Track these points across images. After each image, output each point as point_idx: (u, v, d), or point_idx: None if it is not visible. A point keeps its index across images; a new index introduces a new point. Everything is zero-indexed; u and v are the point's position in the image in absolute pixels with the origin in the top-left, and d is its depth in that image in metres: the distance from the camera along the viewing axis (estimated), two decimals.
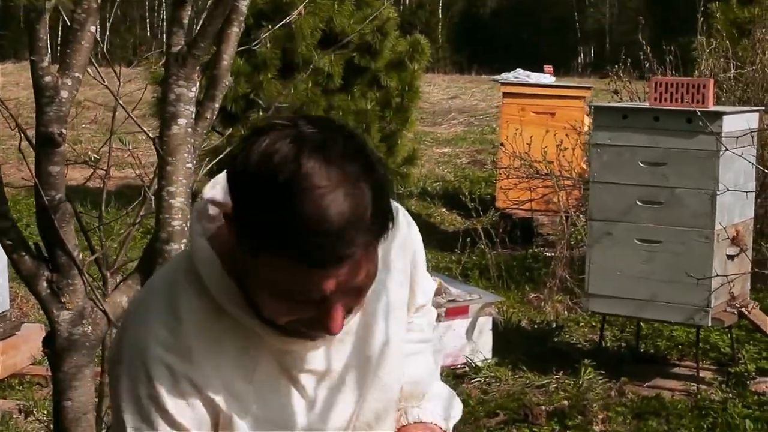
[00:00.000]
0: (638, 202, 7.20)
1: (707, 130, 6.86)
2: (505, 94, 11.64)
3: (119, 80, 4.47)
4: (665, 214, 7.13)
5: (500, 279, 9.90)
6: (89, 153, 4.00)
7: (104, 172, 4.41)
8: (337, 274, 1.75)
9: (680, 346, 8.13)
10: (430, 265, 10.18)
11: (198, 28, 3.73)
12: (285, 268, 1.74)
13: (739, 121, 7.20)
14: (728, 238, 7.18)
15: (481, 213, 10.54)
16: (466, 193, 10.95)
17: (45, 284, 3.62)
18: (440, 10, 66.75)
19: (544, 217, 11.52)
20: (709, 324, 7.15)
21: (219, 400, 1.92)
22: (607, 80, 10.54)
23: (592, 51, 62.64)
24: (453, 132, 20.36)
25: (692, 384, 7.28)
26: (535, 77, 11.69)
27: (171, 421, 1.89)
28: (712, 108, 7.13)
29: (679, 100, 7.19)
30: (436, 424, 2.25)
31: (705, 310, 7.05)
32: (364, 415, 2.09)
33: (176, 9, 3.76)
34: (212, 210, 1.95)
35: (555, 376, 7.38)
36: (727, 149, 6.73)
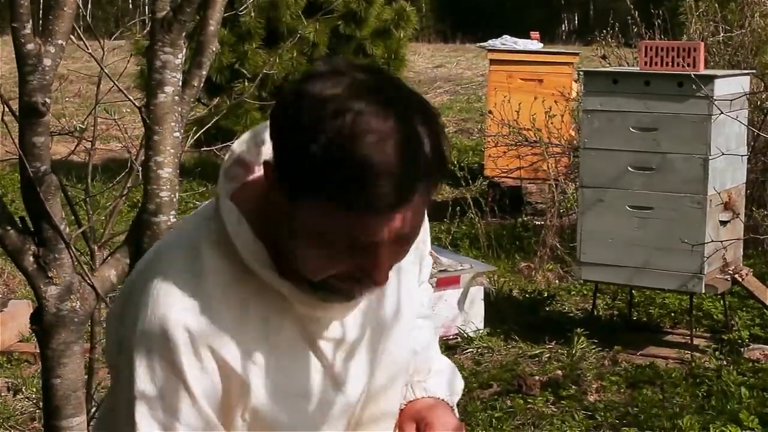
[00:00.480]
0: (629, 168, 7.12)
1: (699, 93, 6.78)
2: (492, 61, 11.51)
3: (103, 51, 4.38)
4: (657, 180, 7.05)
5: (490, 248, 9.81)
6: (74, 123, 3.89)
7: (90, 144, 4.33)
8: (393, 221, 1.72)
9: (673, 314, 8.07)
10: None
11: None
12: (339, 215, 1.72)
13: (730, 85, 7.13)
14: (721, 203, 7.11)
15: (470, 182, 10.45)
16: (455, 162, 10.88)
17: (31, 259, 3.52)
18: None
19: (533, 185, 11.42)
20: (703, 291, 7.08)
21: (237, 365, 1.87)
22: (594, 46, 10.46)
23: (576, 18, 62.49)
24: (439, 101, 20.26)
25: (686, 352, 7.22)
26: (522, 44, 11.54)
27: (185, 387, 1.85)
28: (703, 71, 7.04)
29: (670, 63, 7.10)
30: (441, 399, 2.20)
31: (698, 277, 6.98)
32: (375, 384, 2.06)
33: None
34: (235, 170, 1.93)
35: (548, 346, 7.32)
36: (722, 112, 6.64)
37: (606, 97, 7.17)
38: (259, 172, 1.93)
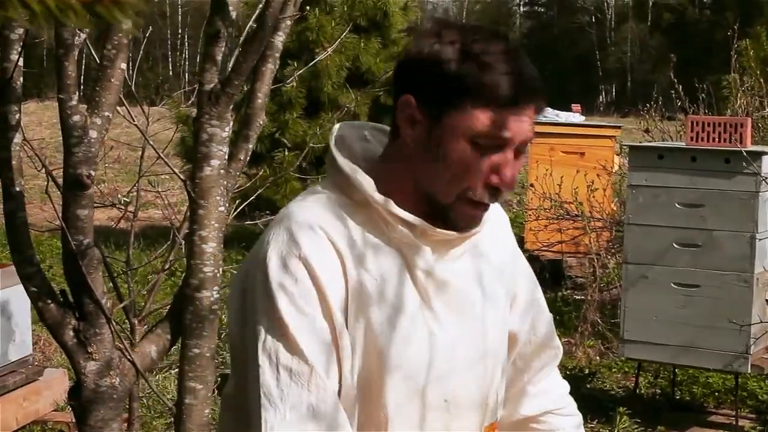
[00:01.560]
0: (675, 245, 7.02)
1: (747, 170, 6.69)
2: (534, 134, 11.45)
3: (147, 120, 4.35)
4: (703, 257, 6.94)
5: None
6: (119, 196, 3.84)
7: (132, 214, 4.28)
8: (525, 118, 2.05)
9: (716, 393, 7.93)
10: None
11: (232, 64, 3.58)
12: (485, 114, 2.02)
13: None
14: None
15: None
16: None
17: (71, 333, 3.47)
18: None
19: (573, 259, 11.32)
20: (749, 371, 6.94)
21: (352, 268, 2.07)
22: (636, 118, 10.36)
23: (614, 90, 62.57)
24: None
25: None
26: (564, 116, 11.49)
27: (312, 276, 2.03)
28: (751, 147, 6.95)
29: (717, 139, 7.01)
30: None
31: (744, 357, 6.84)
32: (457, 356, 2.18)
33: (209, 45, 3.61)
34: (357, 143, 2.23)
35: (590, 425, 7.18)
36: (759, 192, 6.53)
37: (651, 173, 7.08)
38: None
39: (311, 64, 4.97)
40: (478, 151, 2.05)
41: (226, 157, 3.59)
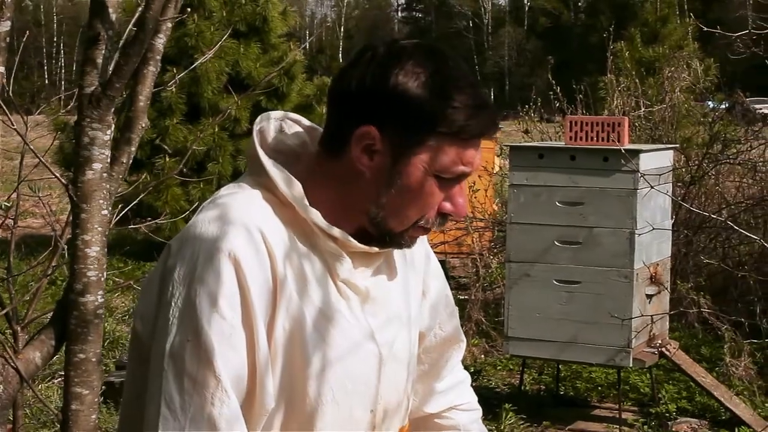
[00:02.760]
0: (556, 243, 7.11)
1: (625, 168, 6.81)
2: None
3: (26, 127, 4.28)
4: (584, 255, 7.05)
5: None
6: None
7: (12, 221, 4.21)
8: (479, 149, 2.11)
9: (599, 388, 8.06)
10: None
11: (113, 67, 3.55)
12: (452, 146, 2.05)
13: (655, 159, 7.17)
14: (648, 277, 7.12)
15: None
16: None
17: None
18: (341, 55, 66.95)
19: (456, 259, 11.40)
20: (631, 365, 7.07)
21: (280, 266, 2.04)
22: (515, 121, 10.48)
23: (492, 93, 63.14)
24: None
25: (614, 426, 7.20)
26: None
27: (239, 275, 1.98)
28: (629, 146, 7.08)
29: (595, 138, 7.13)
30: None
31: (626, 351, 6.96)
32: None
33: (89, 48, 3.58)
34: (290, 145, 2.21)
35: None
36: (652, 187, 6.66)
37: (532, 172, 7.17)
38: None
39: (191, 68, 4.94)
40: (439, 184, 2.07)
41: (109, 160, 3.56)
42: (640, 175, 6.78)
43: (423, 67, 2.05)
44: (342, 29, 69.37)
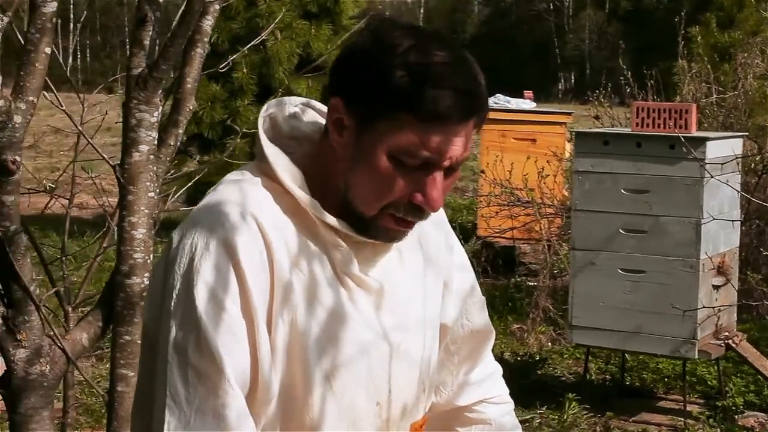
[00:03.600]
0: (621, 231, 7.02)
1: (690, 156, 6.69)
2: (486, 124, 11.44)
3: (83, 106, 4.30)
4: (649, 243, 6.94)
5: None
6: (44, 181, 3.79)
7: (67, 201, 4.22)
8: (457, 136, 1.95)
9: (666, 379, 7.94)
10: None
11: (160, 49, 3.54)
12: (414, 127, 1.93)
13: (723, 147, 7.03)
14: (714, 267, 7.00)
15: (462, 241, 10.30)
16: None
17: (0, 321, 3.41)
18: None
19: (527, 245, 11.31)
20: (696, 356, 6.95)
21: (284, 261, 1.99)
22: (588, 106, 10.35)
23: (572, 77, 62.73)
24: None
25: (679, 419, 7.09)
26: (515, 103, 11.46)
27: (236, 266, 1.94)
28: (695, 133, 6.96)
29: (662, 125, 7.01)
30: None
31: (691, 342, 6.85)
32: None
33: (137, 30, 3.57)
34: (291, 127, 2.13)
35: (539, 411, 7.17)
36: (711, 176, 6.55)
37: (597, 159, 7.08)
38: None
39: (251, 44, 4.93)
40: (402, 168, 1.97)
41: (156, 142, 3.55)
42: (704, 163, 6.65)
43: (401, 41, 1.96)
44: (422, 11, 69.23)
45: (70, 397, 4.15)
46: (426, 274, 2.22)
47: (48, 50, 3.34)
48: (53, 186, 3.72)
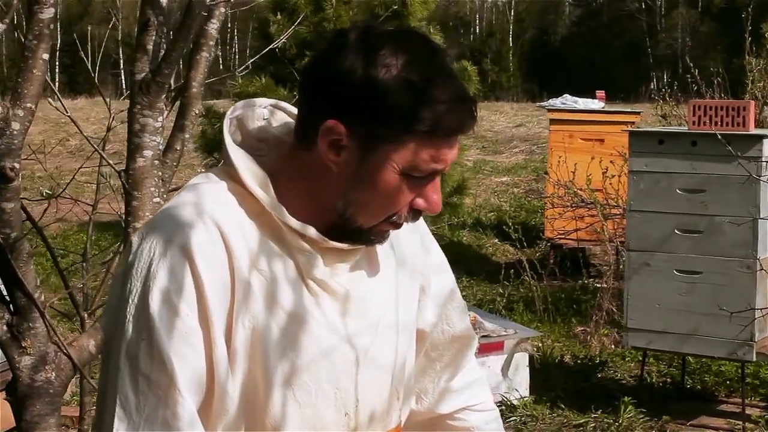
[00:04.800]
0: (677, 231, 6.88)
1: (747, 154, 6.54)
2: (552, 121, 11.33)
3: (110, 113, 4.31)
4: (705, 244, 6.80)
5: (546, 312, 9.57)
6: (39, 188, 3.79)
7: (91, 207, 4.23)
8: (457, 143, 1.97)
9: (728, 382, 7.77)
10: (475, 298, 9.88)
11: (162, 54, 3.52)
12: (424, 142, 1.92)
13: None
14: None
15: (532, 244, 10.22)
16: (516, 224, 10.71)
17: (5, 328, 3.41)
18: (511, 39, 66.56)
19: (597, 246, 11.17)
20: (754, 359, 6.79)
21: (243, 264, 1.95)
22: (653, 105, 10.18)
23: (665, 76, 62.05)
24: (513, 161, 20.08)
25: (738, 423, 6.93)
26: (582, 103, 11.31)
27: (194, 270, 1.91)
28: (752, 131, 6.80)
29: (719, 123, 6.87)
30: None
31: (749, 344, 6.70)
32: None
33: (140, 33, 3.56)
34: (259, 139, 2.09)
35: (594, 415, 7.06)
36: (754, 176, 6.38)
37: (652, 158, 6.95)
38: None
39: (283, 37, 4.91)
40: (411, 182, 1.96)
41: (160, 147, 3.54)
42: (762, 161, 6.50)
43: (395, 57, 1.92)
44: (512, 12, 68.93)
45: (87, 404, 4.15)
46: (399, 277, 2.18)
47: (46, 56, 3.32)
48: (49, 193, 3.71)
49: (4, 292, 3.42)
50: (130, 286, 1.93)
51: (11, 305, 3.40)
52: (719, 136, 6.34)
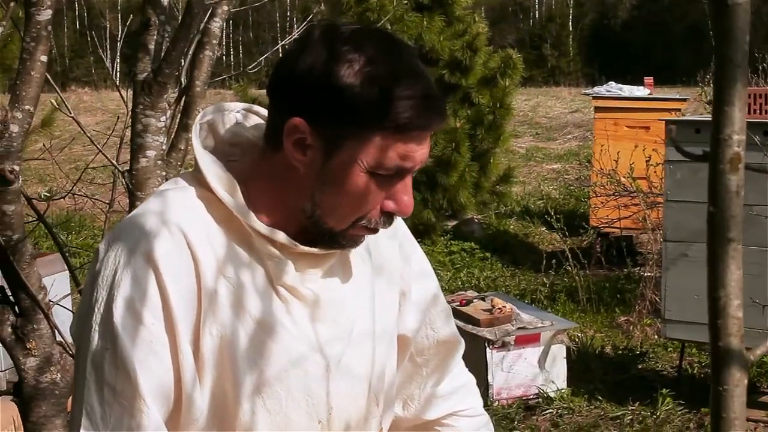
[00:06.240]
0: None
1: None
2: (597, 109, 11.20)
3: (126, 105, 4.30)
4: (743, 233, 6.67)
5: (589, 302, 9.48)
6: (38, 190, 3.79)
7: (107, 204, 4.23)
8: (426, 142, 1.93)
9: None
10: (519, 288, 9.81)
11: (163, 53, 3.50)
12: (390, 139, 1.88)
13: None
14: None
15: (578, 232, 10.12)
16: (564, 212, 10.62)
17: (9, 330, 3.42)
18: (570, 23, 66.11)
19: (643, 235, 11.06)
20: None
21: (209, 271, 1.92)
22: (699, 90, 10.05)
23: None
24: (567, 147, 19.93)
25: None
26: (628, 90, 11.18)
27: (158, 278, 1.87)
28: None
29: (758, 111, 6.75)
30: None
31: None
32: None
33: (141, 33, 3.55)
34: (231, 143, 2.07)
35: (631, 407, 6.98)
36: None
37: (689, 147, 6.81)
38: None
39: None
40: (377, 181, 1.92)
41: (164, 147, 3.52)
42: None
43: (359, 53, 1.88)
44: None
45: None
46: (375, 284, 2.14)
47: (44, 58, 3.33)
48: (48, 195, 3.71)
49: (9, 294, 3.43)
50: (96, 295, 1.90)
51: (16, 307, 3.42)
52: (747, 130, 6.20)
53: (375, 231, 2.00)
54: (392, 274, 2.20)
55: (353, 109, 1.87)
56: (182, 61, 3.64)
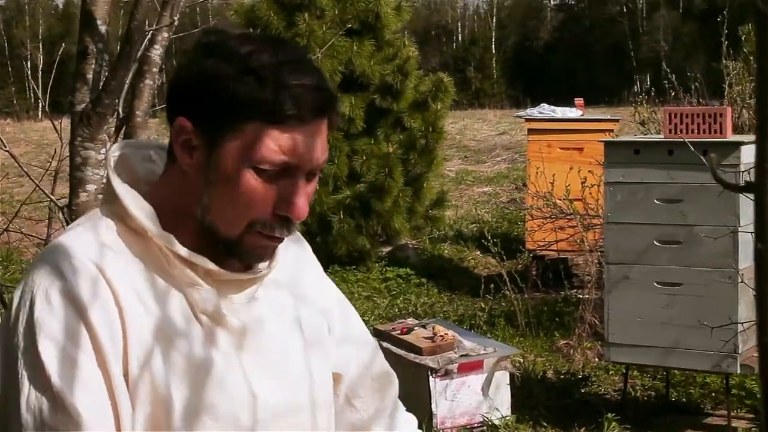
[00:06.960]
0: (656, 243, 6.74)
1: (726, 162, 6.39)
2: (530, 131, 11.16)
3: (61, 139, 4.17)
4: (685, 255, 6.65)
5: (528, 326, 9.42)
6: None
7: (44, 241, 4.10)
8: (317, 136, 1.86)
9: (714, 394, 7.61)
10: (456, 313, 9.72)
11: (102, 83, 3.37)
12: (269, 133, 1.83)
13: None
14: (753, 277, 6.68)
15: (514, 255, 10.04)
16: (498, 235, 10.56)
17: None
18: (493, 46, 66.53)
19: (579, 257, 11.03)
20: (738, 371, 6.65)
21: (131, 305, 1.84)
22: (632, 109, 10.03)
23: (648, 79, 62.02)
24: (496, 170, 19.94)
25: None
26: (560, 112, 11.16)
27: (81, 314, 1.79)
28: (729, 138, 6.65)
29: (696, 131, 6.72)
30: None
31: (733, 357, 6.55)
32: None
33: (79, 62, 3.41)
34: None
35: None
36: (732, 187, 6.22)
37: (628, 169, 6.81)
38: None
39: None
40: (262, 178, 1.85)
41: (104, 181, 3.39)
42: (740, 170, 6.36)
43: (233, 51, 1.86)
44: (494, 20, 68.90)
45: None
46: (300, 312, 2.07)
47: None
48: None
49: None
50: (16, 341, 1.81)
51: None
52: (692, 147, 6.16)
53: (275, 239, 1.92)
54: (315, 306, 2.12)
55: (229, 99, 1.83)
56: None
